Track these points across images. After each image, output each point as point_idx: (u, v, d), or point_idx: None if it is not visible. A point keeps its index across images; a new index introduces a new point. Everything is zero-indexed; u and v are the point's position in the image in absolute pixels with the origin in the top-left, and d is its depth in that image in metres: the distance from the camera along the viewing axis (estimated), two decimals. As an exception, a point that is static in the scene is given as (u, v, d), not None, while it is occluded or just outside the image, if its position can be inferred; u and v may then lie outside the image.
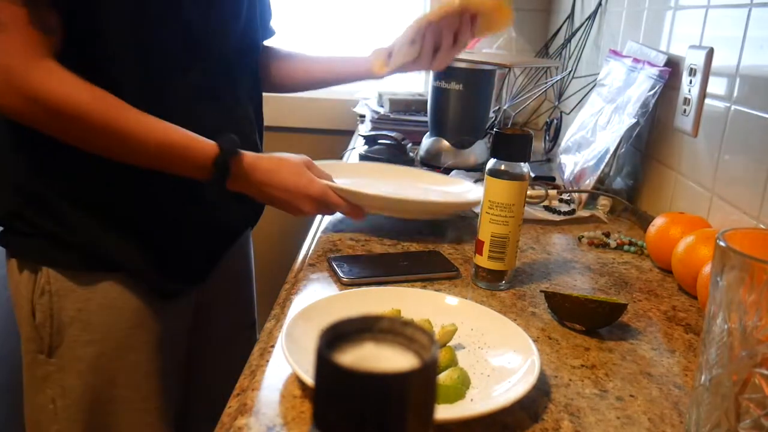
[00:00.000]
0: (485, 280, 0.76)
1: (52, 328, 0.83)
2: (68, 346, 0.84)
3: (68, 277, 0.83)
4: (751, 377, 0.41)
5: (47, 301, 0.83)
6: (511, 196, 0.73)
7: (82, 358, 0.84)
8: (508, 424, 0.51)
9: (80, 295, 0.83)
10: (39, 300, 0.83)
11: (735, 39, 0.84)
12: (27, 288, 0.84)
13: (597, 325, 0.67)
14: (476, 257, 0.77)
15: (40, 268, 0.83)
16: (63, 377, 0.85)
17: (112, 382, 0.86)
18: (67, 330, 0.84)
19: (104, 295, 0.84)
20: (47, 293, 0.83)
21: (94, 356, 0.85)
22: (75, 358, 0.84)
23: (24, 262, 0.85)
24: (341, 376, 0.22)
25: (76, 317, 0.83)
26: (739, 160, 0.82)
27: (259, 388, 0.54)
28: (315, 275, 0.77)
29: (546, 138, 1.51)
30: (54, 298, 0.83)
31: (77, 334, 0.84)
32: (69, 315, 0.83)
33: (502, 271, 0.76)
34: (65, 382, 0.85)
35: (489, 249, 0.75)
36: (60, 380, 0.85)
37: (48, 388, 0.85)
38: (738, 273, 0.41)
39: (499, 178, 0.73)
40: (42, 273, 0.83)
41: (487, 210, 0.74)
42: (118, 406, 0.87)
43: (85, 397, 0.85)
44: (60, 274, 0.83)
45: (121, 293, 0.85)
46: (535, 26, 1.94)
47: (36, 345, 0.85)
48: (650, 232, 0.87)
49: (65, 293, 0.83)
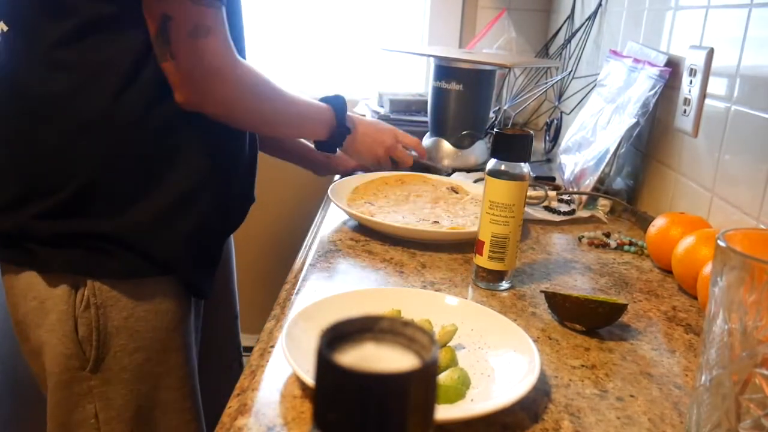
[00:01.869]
0: (485, 280, 0.76)
1: (99, 341, 0.82)
2: (113, 356, 0.83)
3: (113, 286, 0.81)
4: (752, 377, 0.41)
5: (93, 314, 0.81)
6: (511, 196, 0.73)
7: (128, 367, 0.83)
8: (508, 424, 0.51)
9: (127, 303, 0.82)
10: (83, 314, 0.81)
11: (735, 39, 0.84)
12: (66, 303, 0.81)
13: (597, 325, 0.67)
14: (476, 257, 0.77)
15: (83, 281, 0.81)
16: (107, 389, 0.83)
17: (156, 387, 0.86)
18: (113, 340, 0.82)
19: (150, 300, 0.84)
20: (93, 306, 0.81)
21: (140, 363, 0.84)
22: (120, 368, 0.83)
23: (56, 276, 0.81)
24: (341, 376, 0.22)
25: (123, 326, 0.82)
26: (739, 160, 0.82)
27: (258, 388, 0.54)
28: (315, 275, 0.77)
29: (546, 138, 1.51)
30: (100, 310, 0.81)
31: (124, 343, 0.83)
32: (115, 325, 0.82)
33: (503, 271, 0.76)
34: (110, 394, 0.83)
35: (489, 249, 0.75)
36: (104, 393, 0.83)
37: (88, 403, 0.83)
38: (738, 273, 0.41)
39: (500, 179, 0.73)
40: (85, 286, 0.81)
41: (488, 210, 0.74)
42: (160, 410, 0.87)
43: (130, 406, 0.84)
44: (105, 284, 0.81)
45: (164, 295, 0.85)
46: (535, 26, 1.94)
47: (78, 361, 0.82)
48: (650, 233, 0.87)
49: (112, 303, 0.82)
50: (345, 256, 0.84)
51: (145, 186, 0.81)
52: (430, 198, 1.04)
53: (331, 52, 2.04)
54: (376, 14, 2.03)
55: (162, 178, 0.82)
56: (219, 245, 0.95)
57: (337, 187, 1.02)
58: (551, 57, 1.76)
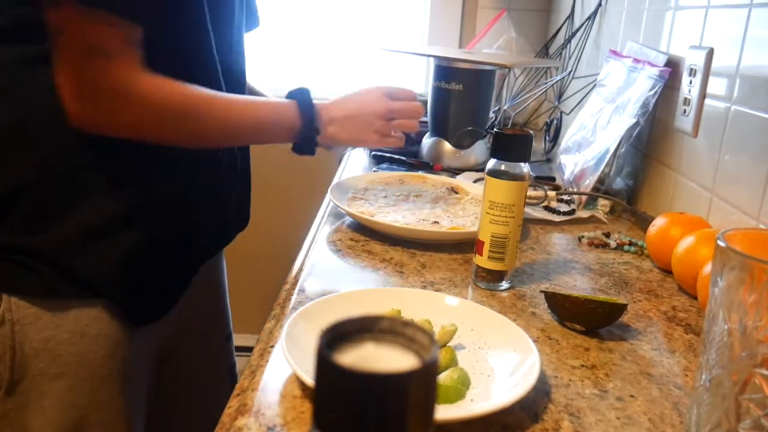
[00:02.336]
0: (485, 280, 0.76)
1: (14, 360, 0.75)
2: (32, 380, 0.76)
3: (32, 303, 0.75)
4: (752, 377, 0.41)
5: (8, 330, 0.75)
6: (511, 196, 0.73)
7: (48, 393, 0.76)
8: (508, 424, 0.51)
9: (47, 323, 0.76)
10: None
11: (735, 39, 0.84)
12: None
13: (597, 325, 0.67)
14: (476, 257, 0.77)
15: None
16: (24, 415, 0.76)
17: (83, 420, 0.78)
18: (31, 362, 0.76)
19: (75, 323, 0.77)
20: (8, 322, 0.75)
21: (63, 391, 0.77)
22: (39, 394, 0.76)
23: None
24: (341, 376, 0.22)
25: (43, 348, 0.76)
26: (739, 160, 0.82)
27: (258, 388, 0.54)
28: (315, 275, 0.77)
29: (546, 138, 1.51)
30: (16, 327, 0.75)
31: (44, 367, 0.76)
32: (33, 346, 0.75)
33: (502, 271, 0.76)
34: (27, 421, 0.77)
35: (489, 249, 0.75)
36: (20, 419, 0.77)
37: (5, 428, 0.77)
38: (738, 273, 0.41)
39: (500, 179, 0.73)
40: (1, 300, 0.75)
41: (488, 210, 0.74)
42: None
43: None
44: (22, 300, 0.75)
45: (94, 319, 0.78)
46: (535, 26, 1.94)
47: None
48: (650, 233, 0.87)
49: (30, 321, 0.75)
50: (345, 256, 0.84)
51: (71, 202, 0.76)
52: (429, 198, 1.04)
53: (331, 52, 2.04)
54: (376, 14, 2.03)
55: (91, 196, 0.76)
56: (175, 275, 0.88)
57: (337, 187, 1.02)
58: (551, 57, 1.76)
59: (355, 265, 0.81)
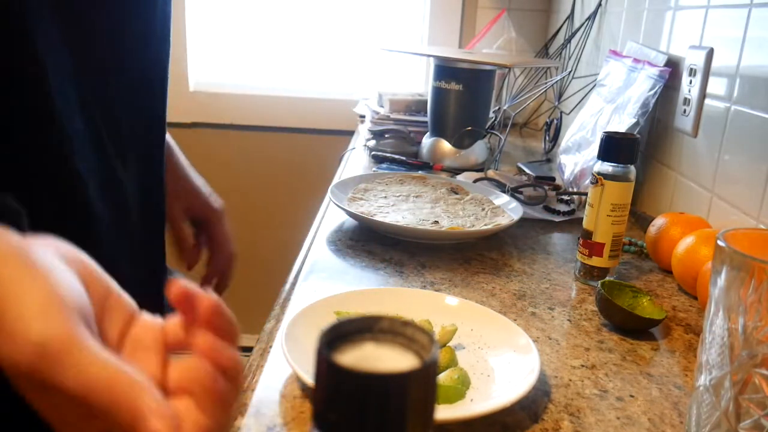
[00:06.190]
0: (598, 278, 0.79)
1: None
2: None
3: None
4: (752, 377, 0.41)
5: None
6: (625, 196, 0.77)
7: None
8: (508, 424, 0.51)
9: None
10: None
11: (735, 39, 0.84)
12: None
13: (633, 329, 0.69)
14: (592, 259, 0.79)
15: None
16: None
17: None
18: None
19: None
20: None
21: None
22: None
23: None
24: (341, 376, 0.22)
25: None
26: (739, 160, 0.82)
27: (258, 388, 0.54)
28: (315, 275, 0.77)
29: (546, 138, 1.51)
30: None
31: None
32: None
33: (614, 267, 0.80)
34: None
35: (610, 249, 0.78)
36: None
37: None
38: (738, 273, 0.41)
39: (614, 181, 0.76)
40: None
41: (609, 213, 0.77)
42: None
43: None
44: None
45: None
46: (535, 26, 1.94)
47: None
48: (650, 233, 0.87)
49: None
50: (345, 256, 0.84)
51: None
52: (429, 198, 1.04)
53: (331, 52, 2.04)
54: (376, 14, 2.03)
55: None
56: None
57: (337, 187, 1.02)
58: (551, 57, 1.76)
59: (355, 265, 0.81)
